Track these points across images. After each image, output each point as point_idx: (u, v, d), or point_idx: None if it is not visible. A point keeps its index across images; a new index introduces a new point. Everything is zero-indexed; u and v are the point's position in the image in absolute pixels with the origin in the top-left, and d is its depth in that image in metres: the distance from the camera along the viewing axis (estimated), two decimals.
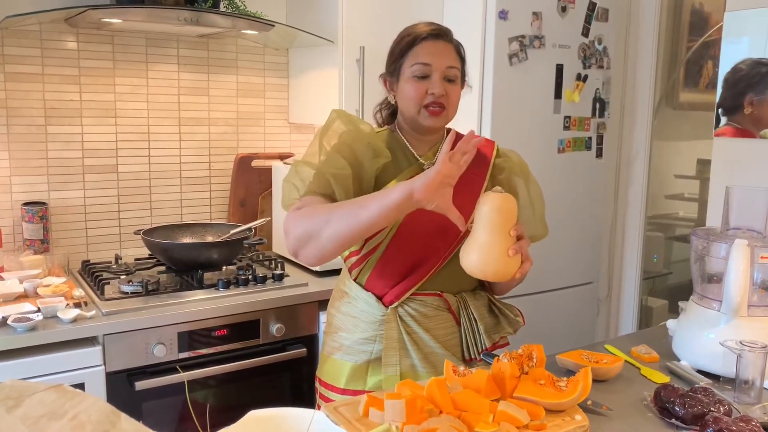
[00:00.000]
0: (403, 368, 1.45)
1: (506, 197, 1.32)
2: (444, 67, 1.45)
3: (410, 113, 1.48)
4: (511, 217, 1.32)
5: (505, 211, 1.32)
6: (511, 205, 1.33)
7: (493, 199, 1.32)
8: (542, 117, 2.49)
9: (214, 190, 2.64)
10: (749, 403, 1.28)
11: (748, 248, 1.37)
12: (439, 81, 1.44)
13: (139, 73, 2.42)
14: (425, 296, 1.48)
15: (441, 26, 1.50)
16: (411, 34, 1.48)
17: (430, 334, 1.47)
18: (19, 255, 2.15)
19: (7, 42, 2.18)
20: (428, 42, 1.46)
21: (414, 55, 1.46)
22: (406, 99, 1.48)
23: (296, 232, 1.32)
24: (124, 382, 1.84)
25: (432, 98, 1.44)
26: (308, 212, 1.33)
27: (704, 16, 3.07)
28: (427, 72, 1.45)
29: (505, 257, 1.30)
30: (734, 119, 2.04)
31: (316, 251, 1.31)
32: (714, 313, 1.45)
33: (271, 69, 2.68)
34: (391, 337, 1.46)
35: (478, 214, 1.33)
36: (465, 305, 1.51)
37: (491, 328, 1.54)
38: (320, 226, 1.29)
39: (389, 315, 1.47)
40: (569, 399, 1.18)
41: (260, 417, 1.00)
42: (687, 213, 3.30)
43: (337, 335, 1.54)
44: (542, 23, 2.41)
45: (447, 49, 1.47)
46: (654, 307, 3.12)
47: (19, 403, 0.80)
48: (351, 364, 1.50)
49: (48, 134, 2.28)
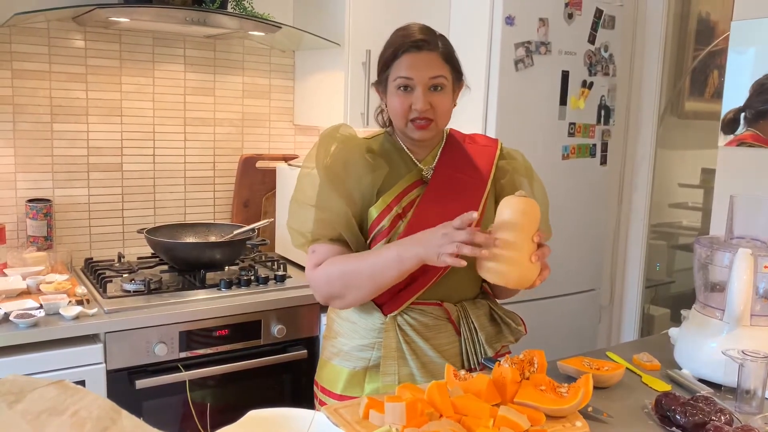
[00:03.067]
0: (401, 377, 1.43)
1: (529, 202, 1.28)
2: (426, 78, 1.41)
3: (398, 126, 1.48)
4: (534, 223, 1.28)
5: (529, 215, 1.27)
6: (535, 210, 1.29)
7: (516, 203, 1.28)
8: (547, 123, 2.49)
9: (218, 190, 2.64)
10: (751, 413, 1.27)
11: (751, 257, 1.36)
12: (422, 95, 1.41)
13: (146, 72, 2.42)
14: (426, 305, 1.47)
15: (424, 34, 1.44)
16: (392, 46, 1.45)
17: (430, 343, 1.45)
18: (22, 251, 2.15)
19: (15, 39, 2.18)
20: (409, 55, 1.42)
21: (396, 68, 1.43)
22: (392, 112, 1.47)
23: (322, 294, 1.46)
24: (124, 381, 1.84)
25: (416, 113, 1.42)
26: (326, 275, 1.43)
27: (711, 25, 3.07)
28: (410, 84, 1.42)
29: (528, 264, 1.27)
30: (757, 126, 2.01)
31: (344, 306, 1.46)
32: (716, 322, 1.44)
33: (277, 71, 2.69)
34: (389, 347, 1.44)
35: (500, 218, 1.28)
36: (466, 314, 1.49)
37: (492, 337, 1.51)
38: (342, 292, 1.42)
39: (388, 324, 1.45)
40: (570, 405, 1.18)
41: (260, 417, 1.00)
42: (690, 222, 3.29)
43: (336, 340, 1.52)
44: (548, 29, 2.41)
45: (429, 59, 1.42)
46: (656, 315, 3.11)
47: (20, 399, 0.81)
48: (348, 370, 1.48)
49: (54, 132, 2.29)
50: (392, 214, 1.43)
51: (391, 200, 1.45)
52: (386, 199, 1.45)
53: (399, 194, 1.46)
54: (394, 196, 1.45)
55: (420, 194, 1.47)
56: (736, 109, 2.04)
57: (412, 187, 1.48)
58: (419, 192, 1.47)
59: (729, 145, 2.07)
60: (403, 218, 1.44)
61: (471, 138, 1.61)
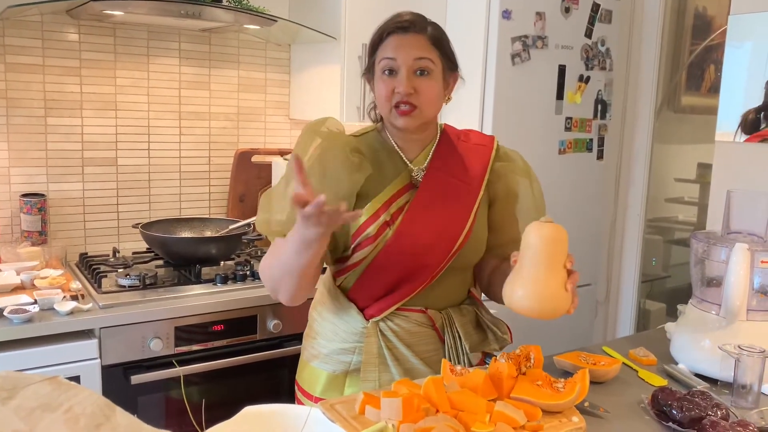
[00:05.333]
0: (382, 383, 1.37)
1: (558, 228, 1.21)
2: (411, 59, 1.33)
3: (384, 114, 1.40)
4: (564, 249, 1.21)
5: (559, 242, 1.21)
6: (564, 236, 1.21)
7: (545, 230, 1.21)
8: (544, 118, 2.48)
9: (213, 185, 2.63)
10: (746, 408, 1.28)
11: (748, 252, 1.36)
12: (406, 77, 1.33)
13: (140, 66, 2.41)
14: (409, 312, 1.41)
15: (413, 17, 1.38)
16: (379, 29, 1.40)
17: (412, 350, 1.40)
18: (16, 246, 2.14)
19: (8, 32, 2.17)
20: (395, 36, 1.36)
21: (381, 50, 1.37)
22: (378, 99, 1.39)
23: (267, 286, 1.40)
24: (119, 376, 1.83)
25: (399, 97, 1.34)
26: (261, 271, 1.38)
27: (707, 19, 3.07)
28: (394, 67, 1.34)
29: (561, 293, 1.20)
30: None
31: (287, 301, 1.37)
32: (713, 317, 1.44)
33: (272, 64, 2.68)
34: (370, 352, 1.39)
35: (527, 245, 1.21)
36: (450, 322, 1.43)
37: (477, 345, 1.46)
38: (274, 286, 1.36)
39: (369, 329, 1.39)
40: (566, 400, 1.17)
41: (256, 413, 1.00)
42: (686, 217, 3.29)
43: (315, 341, 1.48)
44: (545, 23, 2.40)
45: (415, 41, 1.35)
46: (652, 310, 3.12)
47: (13, 395, 0.80)
48: (327, 373, 1.44)
49: (48, 126, 2.28)
50: (379, 221, 1.36)
51: (379, 207, 1.37)
52: (374, 206, 1.37)
53: (387, 201, 1.38)
54: (382, 202, 1.37)
55: (409, 200, 1.39)
56: (754, 109, 2.02)
57: (402, 192, 1.40)
58: (409, 197, 1.39)
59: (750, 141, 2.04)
60: (390, 225, 1.36)
61: (465, 135, 1.52)
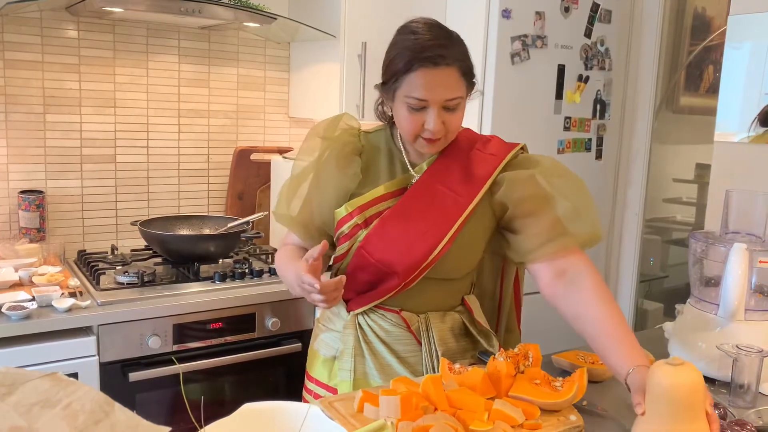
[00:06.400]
0: (357, 375, 1.40)
1: (691, 371, 1.07)
2: (443, 100, 1.28)
3: (407, 138, 1.38)
4: (702, 394, 1.07)
5: (700, 388, 1.06)
6: (699, 379, 1.07)
7: (681, 377, 1.05)
8: (543, 117, 2.48)
9: (212, 182, 2.63)
10: (744, 407, 1.28)
11: (746, 252, 1.37)
12: (437, 116, 1.29)
13: (140, 63, 2.40)
14: (386, 311, 1.42)
15: (441, 44, 1.28)
16: (404, 57, 1.28)
17: (389, 348, 1.40)
18: (14, 243, 2.14)
19: (7, 29, 2.16)
20: (424, 71, 1.26)
21: (408, 85, 1.28)
22: (401, 125, 1.36)
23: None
24: (117, 373, 1.83)
25: (429, 134, 1.31)
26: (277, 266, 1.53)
27: (706, 20, 3.07)
28: (424, 105, 1.29)
29: None
30: None
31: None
32: (711, 317, 1.44)
33: (272, 62, 2.67)
34: (347, 343, 1.42)
35: (655, 395, 1.07)
36: (427, 326, 1.42)
37: (455, 354, 1.43)
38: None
39: (348, 322, 1.43)
40: (565, 399, 1.18)
41: (254, 410, 1.00)
42: (684, 217, 3.30)
43: (318, 325, 1.55)
44: (545, 23, 2.41)
45: (446, 77, 1.27)
46: (649, 310, 3.12)
47: (12, 391, 0.80)
48: (321, 356, 1.49)
49: (46, 123, 2.27)
50: (352, 222, 1.38)
51: (353, 209, 1.38)
52: (351, 206, 1.38)
53: (365, 204, 1.38)
54: (357, 206, 1.38)
55: (391, 206, 1.38)
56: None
57: (388, 197, 1.39)
58: (392, 204, 1.39)
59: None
60: (364, 228, 1.38)
61: (484, 142, 1.45)
